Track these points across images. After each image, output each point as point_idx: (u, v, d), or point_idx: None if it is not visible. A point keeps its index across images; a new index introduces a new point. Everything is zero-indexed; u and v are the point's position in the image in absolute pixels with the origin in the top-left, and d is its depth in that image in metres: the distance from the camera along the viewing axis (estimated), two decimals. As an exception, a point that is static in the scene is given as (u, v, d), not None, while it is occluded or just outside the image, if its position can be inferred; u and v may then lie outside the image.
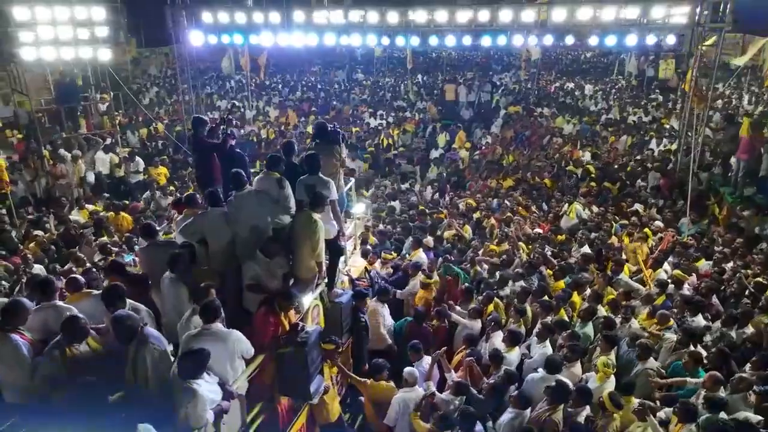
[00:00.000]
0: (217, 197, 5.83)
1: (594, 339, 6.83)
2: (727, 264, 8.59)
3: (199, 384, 3.98)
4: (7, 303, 4.41)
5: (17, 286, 7.56)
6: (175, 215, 7.67)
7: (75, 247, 9.10)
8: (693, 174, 10.97)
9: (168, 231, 7.99)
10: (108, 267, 5.91)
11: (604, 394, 5.33)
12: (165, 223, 9.55)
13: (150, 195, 12.10)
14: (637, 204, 11.41)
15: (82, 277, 5.31)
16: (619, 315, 7.11)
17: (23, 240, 9.70)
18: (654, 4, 11.18)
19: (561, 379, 5.51)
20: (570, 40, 12.12)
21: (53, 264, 8.55)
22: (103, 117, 15.68)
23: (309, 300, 5.83)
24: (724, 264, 8.57)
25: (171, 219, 9.58)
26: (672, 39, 11.97)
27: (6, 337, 4.16)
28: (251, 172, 7.01)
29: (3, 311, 4.27)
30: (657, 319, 6.94)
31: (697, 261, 8.86)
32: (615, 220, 10.64)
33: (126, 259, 8.09)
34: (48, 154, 13.08)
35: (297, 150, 7.05)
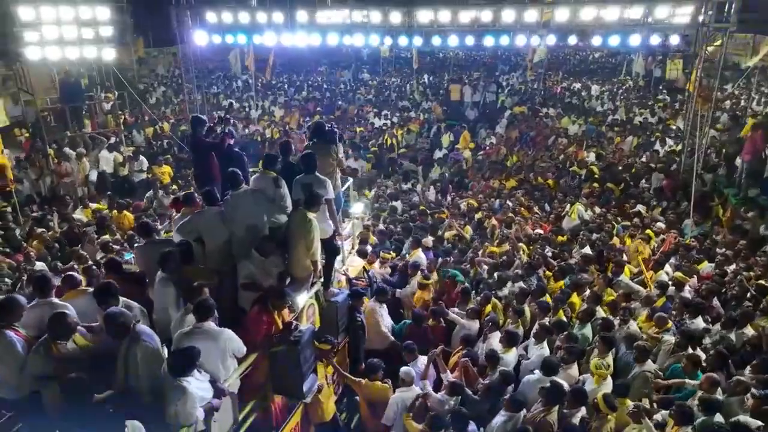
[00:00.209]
0: (214, 196, 5.84)
1: (592, 340, 6.80)
2: (730, 266, 8.51)
3: (189, 381, 4.01)
4: (2, 299, 4.43)
5: (19, 283, 7.65)
6: (174, 214, 7.71)
7: (78, 245, 9.17)
8: (697, 175, 10.87)
9: (169, 230, 8.02)
10: (105, 265, 5.94)
11: (598, 395, 5.30)
12: (167, 222, 9.57)
13: (153, 194, 12.16)
14: (640, 205, 11.33)
15: (78, 275, 5.35)
16: (618, 317, 7.07)
17: (27, 238, 9.78)
18: (658, 4, 11.09)
19: (556, 380, 5.47)
20: (573, 40, 12.04)
21: (55, 261, 8.62)
22: (108, 116, 15.78)
23: (304, 299, 5.83)
24: (726, 266, 8.48)
25: (172, 218, 9.61)
26: (676, 39, 11.87)
27: (0, 334, 4.18)
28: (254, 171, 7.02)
29: (-2, 308, 4.29)
30: (655, 322, 6.89)
31: (700, 263, 8.80)
32: (617, 221, 10.57)
33: (127, 258, 8.14)
34: (53, 152, 13.20)
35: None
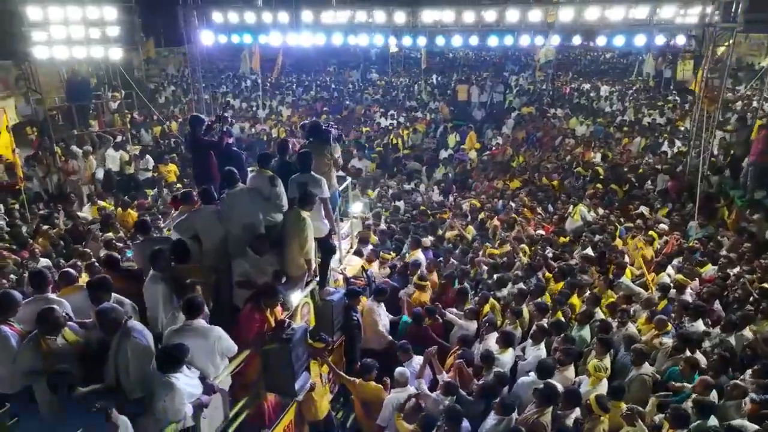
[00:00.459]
0: (211, 195, 5.88)
1: (590, 342, 6.75)
2: (733, 269, 8.39)
3: (178, 378, 4.04)
4: (-3, 295, 4.50)
5: (22, 279, 7.74)
6: (173, 212, 7.77)
7: (82, 243, 9.28)
8: (703, 177, 10.75)
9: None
10: (103, 262, 6.01)
11: (591, 396, 5.27)
12: (169, 220, 9.66)
13: (157, 192, 12.25)
14: (643, 207, 11.23)
15: (74, 271, 5.41)
16: (616, 319, 7.01)
17: (34, 235, 9.91)
18: (663, 4, 10.98)
19: (549, 382, 5.44)
20: (577, 40, 11.96)
21: (58, 258, 8.73)
22: (115, 115, 15.94)
23: (298, 297, 5.85)
24: (729, 269, 8.37)
25: (172, 215, 9.68)
26: (682, 39, 11.74)
27: (-5, 328, 4.26)
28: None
29: (-7, 303, 4.35)
30: (655, 324, 6.83)
31: (703, 266, 8.70)
32: (620, 222, 10.48)
33: (129, 255, 8.22)
34: (60, 150, 13.35)
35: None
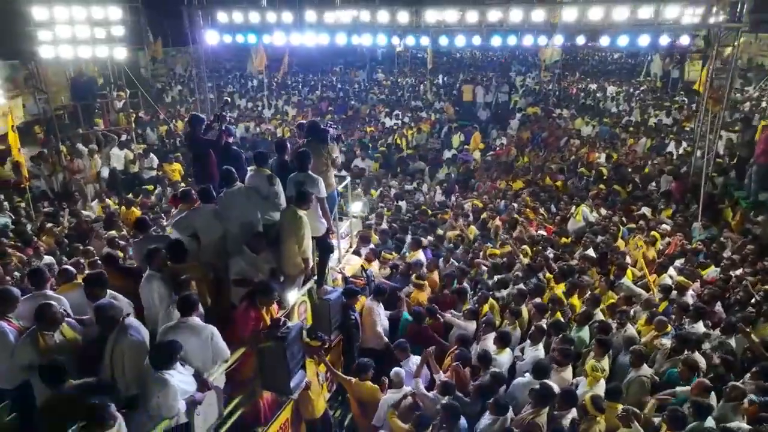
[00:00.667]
0: (209, 193, 5.91)
1: (589, 343, 6.73)
2: (736, 271, 8.33)
3: (171, 374, 4.07)
4: (-4, 291, 4.56)
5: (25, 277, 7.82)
6: (173, 210, 7.82)
7: (86, 241, 9.35)
8: (707, 177, 10.67)
9: (173, 226, 8.13)
10: (103, 259, 6.07)
11: (586, 397, 5.26)
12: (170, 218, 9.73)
13: (161, 191, 12.31)
14: (645, 207, 11.16)
15: (72, 269, 5.47)
16: (615, 320, 6.99)
17: (38, 233, 10.01)
18: (668, 4, 10.91)
19: (545, 382, 5.44)
20: (581, 40, 11.90)
21: (62, 256, 8.81)
22: (120, 114, 16.04)
23: (295, 296, 5.87)
24: (732, 271, 8.31)
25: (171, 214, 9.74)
26: (686, 39, 11.65)
27: (-6, 324, 4.32)
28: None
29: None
30: (655, 325, 6.80)
31: (706, 267, 8.64)
32: (623, 223, 10.42)
33: (131, 253, 8.28)
34: (66, 149, 13.46)
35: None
